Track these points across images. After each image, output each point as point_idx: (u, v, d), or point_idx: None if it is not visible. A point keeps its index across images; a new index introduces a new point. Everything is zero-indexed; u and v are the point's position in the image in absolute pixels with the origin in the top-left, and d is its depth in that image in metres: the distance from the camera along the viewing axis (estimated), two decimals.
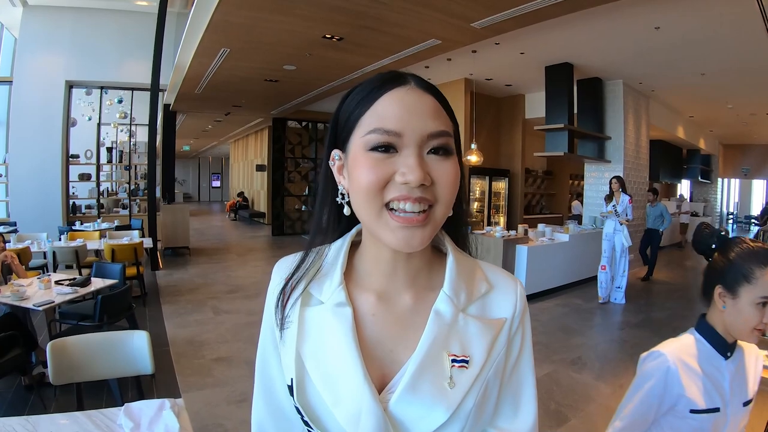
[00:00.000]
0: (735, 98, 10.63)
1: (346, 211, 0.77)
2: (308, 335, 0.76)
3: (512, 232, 7.77)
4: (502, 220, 11.61)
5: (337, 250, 0.83)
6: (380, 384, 0.73)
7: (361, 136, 0.71)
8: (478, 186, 11.29)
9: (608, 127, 9.51)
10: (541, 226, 8.48)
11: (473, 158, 9.12)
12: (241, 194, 21.38)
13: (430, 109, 0.71)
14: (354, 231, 0.84)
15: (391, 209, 0.69)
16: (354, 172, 0.72)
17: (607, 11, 5.73)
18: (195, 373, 4.29)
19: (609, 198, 7.53)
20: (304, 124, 14.79)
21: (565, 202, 14.36)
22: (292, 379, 0.76)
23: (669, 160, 15.69)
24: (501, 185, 11.71)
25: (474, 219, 10.47)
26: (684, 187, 18.73)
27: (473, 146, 9.21)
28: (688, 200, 17.37)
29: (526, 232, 7.83)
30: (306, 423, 0.75)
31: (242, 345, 4.97)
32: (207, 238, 13.83)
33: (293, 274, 0.82)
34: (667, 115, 12.21)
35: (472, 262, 0.85)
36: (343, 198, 0.77)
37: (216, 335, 5.30)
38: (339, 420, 0.71)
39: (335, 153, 0.78)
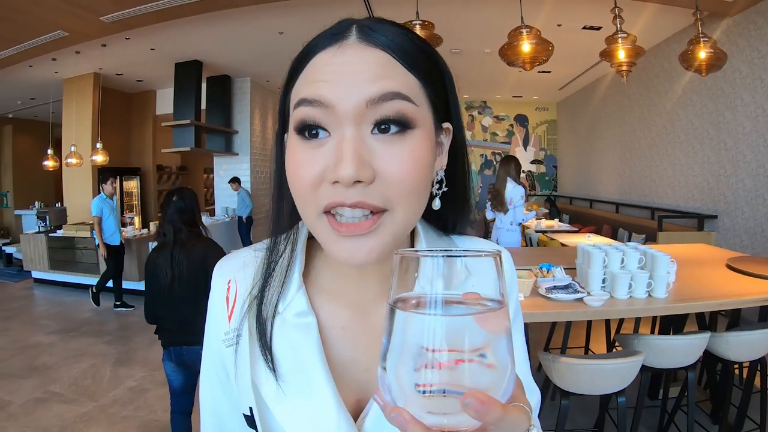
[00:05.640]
0: None
1: None
2: (262, 353, 0.61)
3: (144, 231, 7.65)
4: (137, 220, 11.12)
5: (292, 245, 0.67)
6: (355, 410, 0.60)
7: (292, 112, 0.55)
8: None
9: (236, 121, 10.05)
10: None
11: (99, 158, 8.57)
12: None
13: (371, 66, 0.52)
14: None
15: (332, 213, 0.53)
16: (286, 163, 0.57)
17: (235, 15, 6.20)
18: None
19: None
20: None
21: (201, 195, 14.53)
22: (251, 408, 0.61)
23: None
24: (133, 184, 11.26)
25: None
26: None
27: (99, 146, 8.64)
28: None
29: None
30: None
31: None
32: None
33: (263, 279, 0.65)
34: None
35: (448, 243, 0.70)
36: None
37: None
38: None
39: (286, 137, 0.60)
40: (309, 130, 0.53)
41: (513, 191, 5.03)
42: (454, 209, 0.68)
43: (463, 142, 0.65)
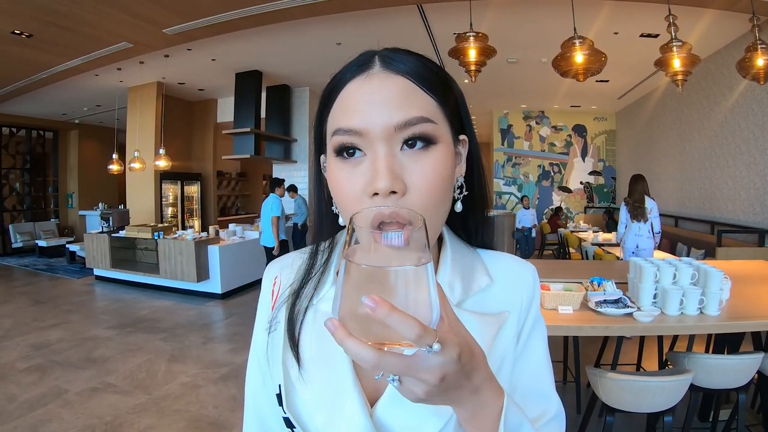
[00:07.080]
0: None
1: (341, 221, 0.69)
2: (289, 337, 0.71)
3: (203, 234, 7.86)
4: (196, 223, 11.51)
5: (331, 250, 0.76)
6: (373, 396, 0.66)
7: (329, 138, 0.65)
8: (170, 191, 11.04)
9: (295, 130, 10.22)
10: (231, 226, 8.87)
11: (161, 163, 8.94)
12: None
13: (395, 94, 0.61)
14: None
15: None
16: (329, 182, 0.66)
17: (294, 27, 6.32)
18: None
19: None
20: None
21: (260, 201, 14.81)
22: (280, 385, 0.70)
23: None
24: (193, 189, 11.66)
25: (168, 224, 10.21)
26: None
27: (161, 152, 9.01)
28: None
29: (217, 232, 8.04)
30: None
31: None
32: None
33: (303, 277, 0.75)
34: None
35: (473, 254, 0.77)
36: (336, 207, 0.69)
37: None
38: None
39: (322, 158, 0.71)
40: (346, 150, 0.62)
41: (650, 203, 5.85)
42: (473, 210, 0.75)
43: (477, 152, 0.74)
